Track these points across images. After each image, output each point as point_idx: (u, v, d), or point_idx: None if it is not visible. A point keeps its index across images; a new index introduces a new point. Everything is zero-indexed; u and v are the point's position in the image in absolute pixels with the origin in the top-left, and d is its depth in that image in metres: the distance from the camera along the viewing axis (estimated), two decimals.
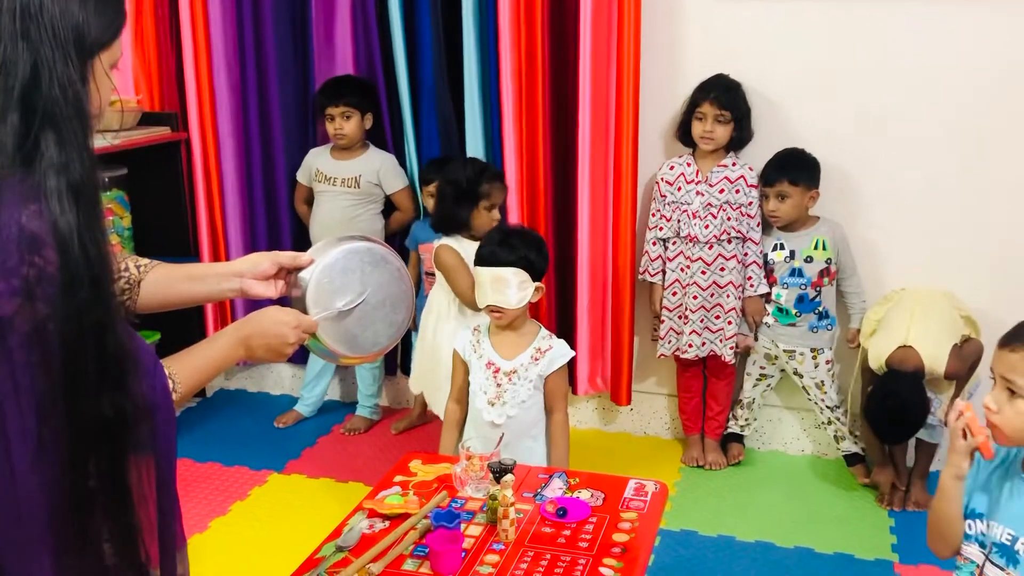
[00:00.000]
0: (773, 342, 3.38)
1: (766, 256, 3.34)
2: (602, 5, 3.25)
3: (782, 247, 3.33)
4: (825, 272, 3.30)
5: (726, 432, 3.56)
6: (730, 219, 3.29)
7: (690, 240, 3.33)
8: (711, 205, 3.29)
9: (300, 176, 3.75)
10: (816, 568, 2.89)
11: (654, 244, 3.43)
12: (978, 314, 3.17)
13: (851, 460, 3.40)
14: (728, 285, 3.33)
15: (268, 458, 3.56)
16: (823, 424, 3.44)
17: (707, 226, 3.30)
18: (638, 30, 3.24)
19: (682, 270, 3.38)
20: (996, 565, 1.64)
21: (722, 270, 3.32)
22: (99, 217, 1.12)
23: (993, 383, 1.66)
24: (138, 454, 1.18)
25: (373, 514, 1.98)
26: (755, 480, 3.44)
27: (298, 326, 1.55)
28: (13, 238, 1.05)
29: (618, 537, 1.89)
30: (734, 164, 3.31)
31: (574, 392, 3.50)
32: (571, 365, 2.93)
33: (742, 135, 3.29)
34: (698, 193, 3.31)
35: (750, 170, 3.31)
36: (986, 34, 3.13)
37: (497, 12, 3.26)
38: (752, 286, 3.34)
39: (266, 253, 1.64)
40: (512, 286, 2.50)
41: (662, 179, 3.40)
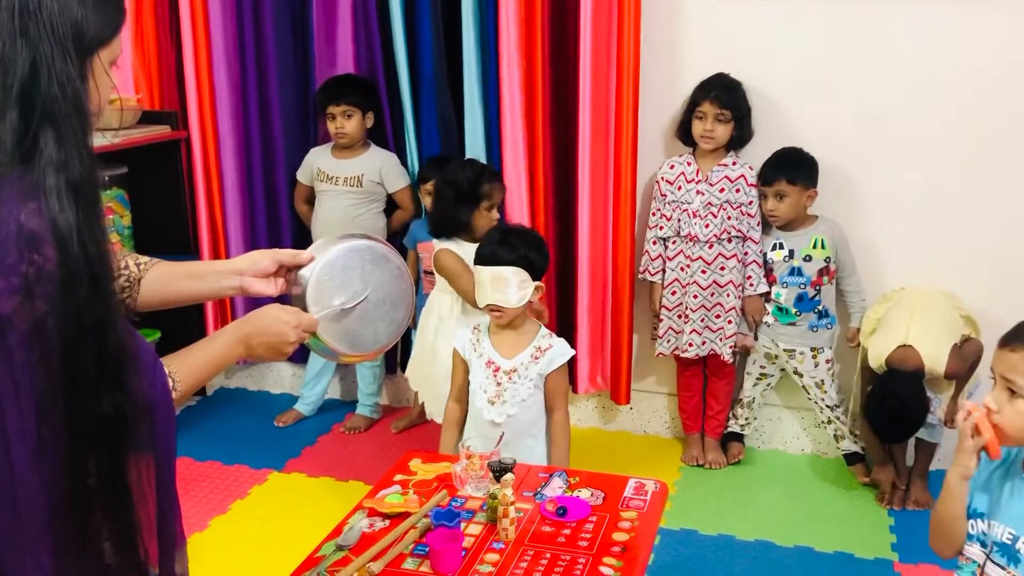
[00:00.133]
0: (773, 341, 3.38)
1: (765, 255, 3.34)
2: (602, 5, 3.25)
3: (781, 246, 3.33)
4: (824, 271, 3.30)
5: (726, 431, 3.56)
6: (730, 218, 3.29)
7: (690, 239, 3.33)
8: (711, 204, 3.29)
9: (300, 176, 3.75)
10: (816, 567, 2.89)
11: (654, 243, 3.43)
12: (978, 314, 3.17)
13: (851, 459, 3.40)
14: (728, 284, 3.33)
15: (268, 457, 3.56)
16: (823, 423, 3.44)
17: (707, 225, 3.30)
18: (638, 30, 3.24)
19: (682, 269, 3.38)
20: (997, 564, 1.65)
21: (722, 269, 3.32)
22: (98, 215, 1.12)
23: (993, 383, 1.66)
24: (138, 453, 1.18)
25: (373, 513, 1.98)
26: (755, 479, 3.44)
27: (298, 325, 1.54)
28: (12, 236, 1.05)
29: (618, 536, 1.89)
30: (734, 163, 3.31)
31: (574, 391, 3.50)
32: (571, 364, 2.92)
33: (742, 134, 3.29)
34: (698, 192, 3.31)
35: (750, 169, 3.31)
36: (986, 34, 3.13)
37: (497, 12, 3.26)
38: (752, 285, 3.34)
39: (266, 251, 1.63)
40: (512, 285, 2.50)
41: (662, 178, 3.40)
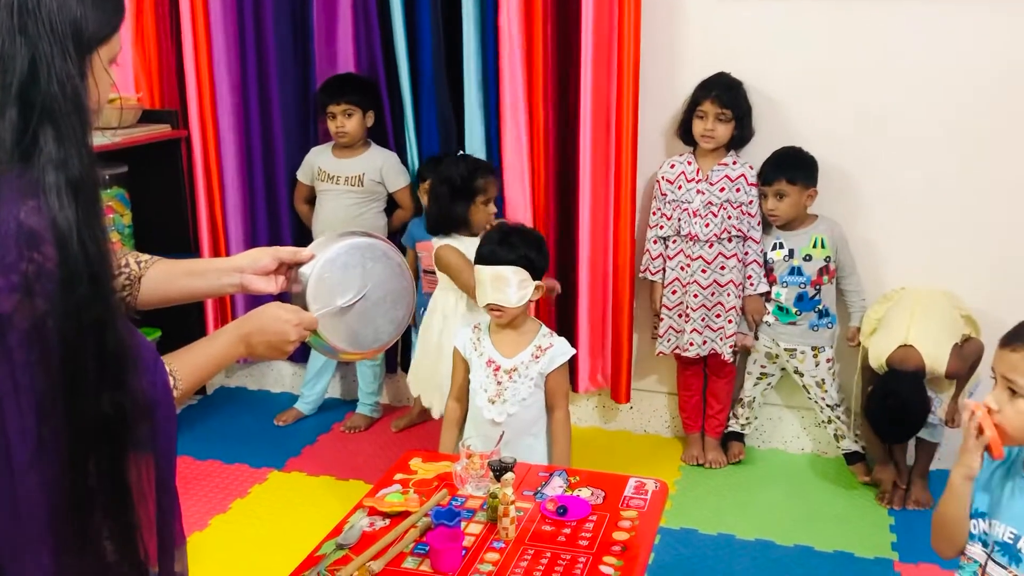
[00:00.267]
0: (774, 341, 3.38)
1: (765, 255, 3.34)
2: (603, 4, 3.24)
3: (781, 246, 3.33)
4: (824, 270, 3.30)
5: (726, 431, 3.56)
6: (730, 218, 3.29)
7: (690, 239, 3.33)
8: (711, 204, 3.29)
9: (301, 175, 3.74)
10: (816, 566, 2.89)
11: (655, 242, 3.43)
12: (978, 314, 3.17)
13: (851, 459, 3.40)
14: (728, 284, 3.32)
15: (268, 456, 3.56)
16: (823, 423, 3.44)
17: (707, 224, 3.30)
18: (638, 30, 3.24)
19: (682, 268, 3.37)
20: (999, 564, 1.64)
21: (722, 269, 3.32)
22: (98, 213, 1.11)
23: (994, 383, 1.66)
24: (138, 452, 1.17)
25: (373, 512, 1.98)
26: (755, 479, 3.44)
27: (299, 323, 1.53)
28: (12, 234, 1.04)
29: (618, 535, 1.89)
30: (735, 163, 3.31)
31: (575, 390, 3.50)
32: (571, 363, 2.92)
33: (743, 134, 3.29)
34: (698, 192, 3.31)
35: (751, 169, 3.31)
36: (986, 34, 3.13)
37: (498, 11, 3.26)
38: (752, 285, 3.34)
39: (266, 248, 1.62)
40: (512, 285, 2.50)
41: (663, 178, 3.39)
